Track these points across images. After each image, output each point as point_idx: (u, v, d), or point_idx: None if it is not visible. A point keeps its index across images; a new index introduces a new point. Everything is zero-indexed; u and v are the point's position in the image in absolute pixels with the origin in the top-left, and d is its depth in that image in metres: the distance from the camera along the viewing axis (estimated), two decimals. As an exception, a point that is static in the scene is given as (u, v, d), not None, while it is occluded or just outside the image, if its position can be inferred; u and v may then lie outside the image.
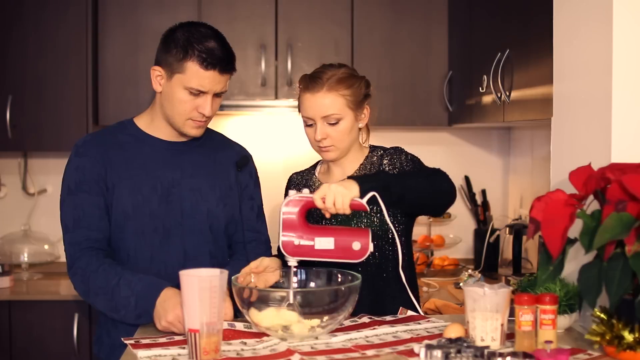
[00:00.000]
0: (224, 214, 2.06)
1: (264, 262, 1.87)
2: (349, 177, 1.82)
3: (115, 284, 1.87)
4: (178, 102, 1.93)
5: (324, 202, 1.74)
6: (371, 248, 1.79)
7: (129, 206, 1.96)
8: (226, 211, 2.07)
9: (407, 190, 1.81)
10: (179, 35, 1.92)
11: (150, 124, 2.03)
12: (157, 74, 1.96)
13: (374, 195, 1.75)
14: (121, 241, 1.97)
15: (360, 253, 1.78)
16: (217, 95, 1.95)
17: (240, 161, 2.11)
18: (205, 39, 1.90)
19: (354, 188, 1.74)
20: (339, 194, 1.72)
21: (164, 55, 1.94)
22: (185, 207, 2.01)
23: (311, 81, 1.98)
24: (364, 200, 1.75)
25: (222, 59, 1.90)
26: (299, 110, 2.03)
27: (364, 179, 1.79)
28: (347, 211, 1.74)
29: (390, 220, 1.98)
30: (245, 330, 1.74)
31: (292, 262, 1.79)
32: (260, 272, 1.87)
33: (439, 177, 1.91)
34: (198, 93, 1.91)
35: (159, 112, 2.00)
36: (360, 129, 2.06)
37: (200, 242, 2.02)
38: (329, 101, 1.96)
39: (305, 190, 1.79)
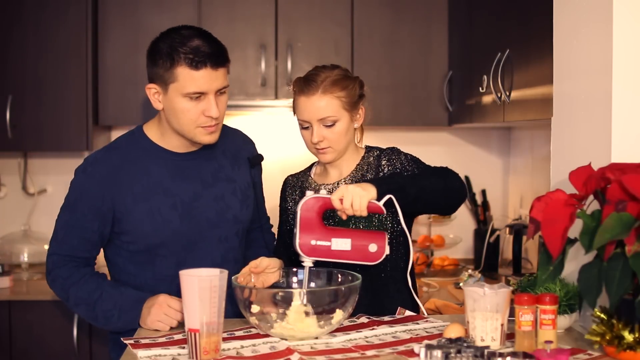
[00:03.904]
0: (246, 217, 2.07)
1: (263, 262, 1.87)
2: (365, 181, 1.83)
3: (97, 297, 1.90)
4: (182, 112, 1.86)
5: (341, 203, 1.74)
6: (387, 251, 1.80)
7: (149, 229, 1.92)
8: (248, 213, 2.08)
9: (422, 190, 1.83)
10: (161, 45, 1.86)
11: (161, 137, 1.97)
12: (153, 92, 1.90)
13: (390, 198, 1.76)
14: (146, 261, 1.96)
15: (376, 255, 1.79)
16: (220, 93, 1.88)
17: (254, 159, 2.12)
18: (188, 39, 1.83)
19: (371, 190, 1.75)
20: (357, 196, 1.73)
21: (153, 70, 1.88)
22: (210, 218, 1.98)
23: (305, 84, 1.97)
24: (381, 203, 1.75)
25: (210, 55, 1.83)
26: (294, 113, 2.02)
27: (381, 181, 1.80)
28: (364, 213, 1.74)
29: (390, 221, 1.99)
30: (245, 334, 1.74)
31: (308, 262, 1.79)
32: (260, 272, 1.87)
33: (450, 176, 1.93)
34: (199, 96, 1.84)
35: (167, 127, 1.94)
36: (355, 129, 2.06)
37: (227, 249, 2.01)
38: (325, 104, 1.95)
39: (323, 191, 1.79)
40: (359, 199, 1.73)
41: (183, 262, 1.90)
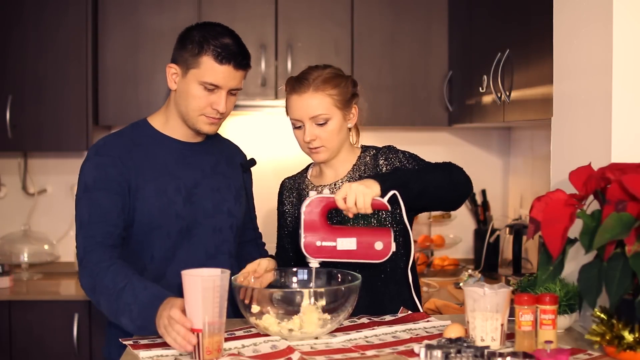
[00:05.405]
0: (239, 214, 2.09)
1: (262, 264, 1.87)
2: (368, 177, 1.82)
3: (121, 287, 1.77)
4: (192, 98, 1.93)
5: (345, 202, 1.74)
6: (393, 247, 1.79)
7: (155, 208, 1.94)
8: (241, 210, 2.10)
9: (426, 185, 1.82)
10: (194, 33, 1.94)
11: (165, 124, 2.02)
12: (172, 72, 1.97)
13: (394, 194, 1.75)
14: (146, 242, 1.95)
15: (382, 253, 1.78)
16: (232, 93, 1.95)
17: (246, 163, 2.13)
18: (221, 35, 1.92)
19: (375, 187, 1.74)
20: (360, 193, 1.72)
21: (180, 52, 1.95)
22: (207, 207, 2.01)
23: (297, 83, 1.97)
24: (385, 199, 1.75)
25: (236, 54, 1.92)
26: (287, 113, 2.01)
27: (384, 177, 1.79)
28: (369, 210, 1.74)
29: (391, 219, 1.98)
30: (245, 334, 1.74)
31: (314, 263, 1.79)
32: (260, 275, 1.87)
33: (454, 170, 1.93)
34: (213, 88, 1.91)
35: (174, 110, 2.00)
36: (350, 129, 2.05)
37: (221, 241, 2.02)
38: (317, 102, 1.95)
39: (326, 191, 1.79)
40: (362, 196, 1.72)
41: (179, 246, 1.97)
